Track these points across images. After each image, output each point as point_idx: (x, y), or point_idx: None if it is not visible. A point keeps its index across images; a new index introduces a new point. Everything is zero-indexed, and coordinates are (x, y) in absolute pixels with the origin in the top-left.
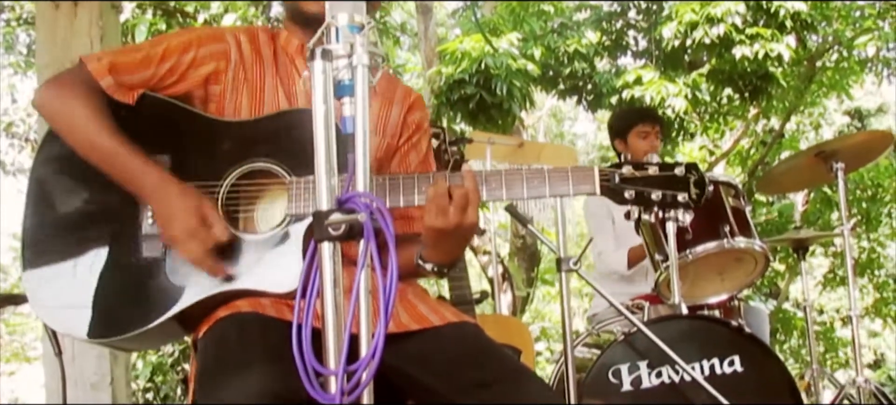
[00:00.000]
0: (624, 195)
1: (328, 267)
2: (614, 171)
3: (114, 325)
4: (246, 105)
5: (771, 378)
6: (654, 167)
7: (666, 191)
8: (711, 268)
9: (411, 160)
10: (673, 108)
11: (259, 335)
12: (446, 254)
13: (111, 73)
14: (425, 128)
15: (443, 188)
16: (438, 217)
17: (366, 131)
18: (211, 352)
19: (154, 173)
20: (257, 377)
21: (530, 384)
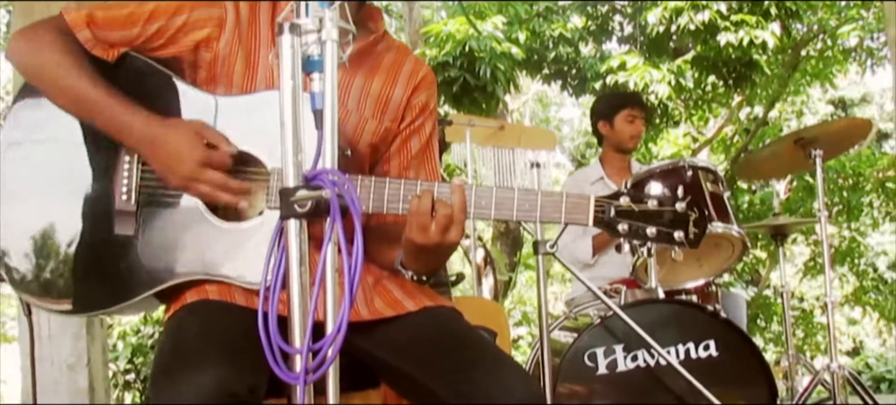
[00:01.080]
0: (617, 229)
1: (294, 244)
2: (610, 202)
3: (86, 302)
4: (239, 76)
5: (746, 362)
6: (654, 201)
7: (662, 228)
8: (690, 253)
9: (412, 146)
10: (656, 95)
11: (223, 325)
12: (425, 267)
13: (90, 27)
14: (431, 108)
15: (426, 205)
16: (419, 233)
17: (335, 108)
18: (169, 343)
19: (139, 115)
20: (211, 376)
21: (506, 369)
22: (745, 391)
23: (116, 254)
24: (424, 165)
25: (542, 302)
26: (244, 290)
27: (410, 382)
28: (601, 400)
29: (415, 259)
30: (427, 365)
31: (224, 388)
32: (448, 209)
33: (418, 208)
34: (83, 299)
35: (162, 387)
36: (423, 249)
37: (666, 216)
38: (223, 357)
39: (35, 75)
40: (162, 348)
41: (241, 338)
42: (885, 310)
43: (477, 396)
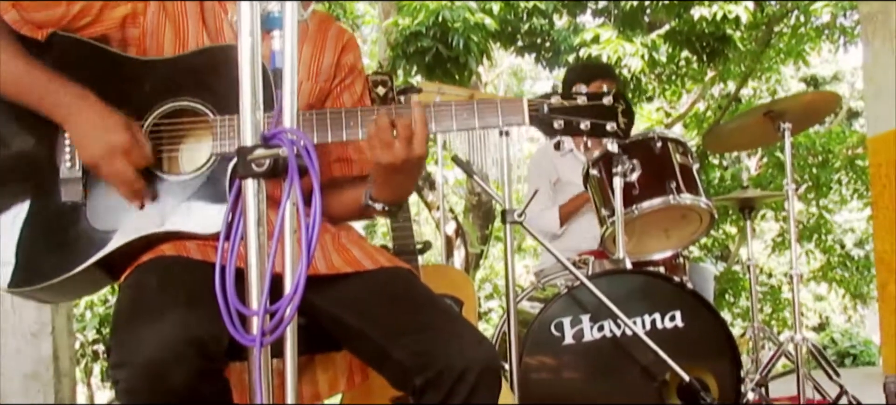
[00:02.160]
0: (553, 125)
1: (252, 204)
2: (543, 101)
3: (35, 275)
4: (169, 44)
5: (711, 333)
6: (583, 97)
7: (595, 120)
8: (657, 224)
9: (345, 101)
10: (629, 69)
11: (180, 279)
12: (396, 191)
13: (15, 8)
14: (359, 69)
15: (385, 122)
16: (384, 152)
17: (294, 67)
18: (128, 297)
19: (71, 89)
20: (173, 323)
21: (461, 332)
22: (709, 362)
23: (66, 222)
24: None
25: (509, 271)
26: (199, 245)
27: (366, 341)
28: (567, 370)
29: (384, 184)
30: (382, 323)
31: (187, 334)
32: (407, 120)
33: (379, 125)
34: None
35: (123, 338)
36: (391, 169)
37: (596, 109)
38: (185, 304)
39: None
40: (120, 304)
41: (200, 289)
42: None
43: (431, 356)
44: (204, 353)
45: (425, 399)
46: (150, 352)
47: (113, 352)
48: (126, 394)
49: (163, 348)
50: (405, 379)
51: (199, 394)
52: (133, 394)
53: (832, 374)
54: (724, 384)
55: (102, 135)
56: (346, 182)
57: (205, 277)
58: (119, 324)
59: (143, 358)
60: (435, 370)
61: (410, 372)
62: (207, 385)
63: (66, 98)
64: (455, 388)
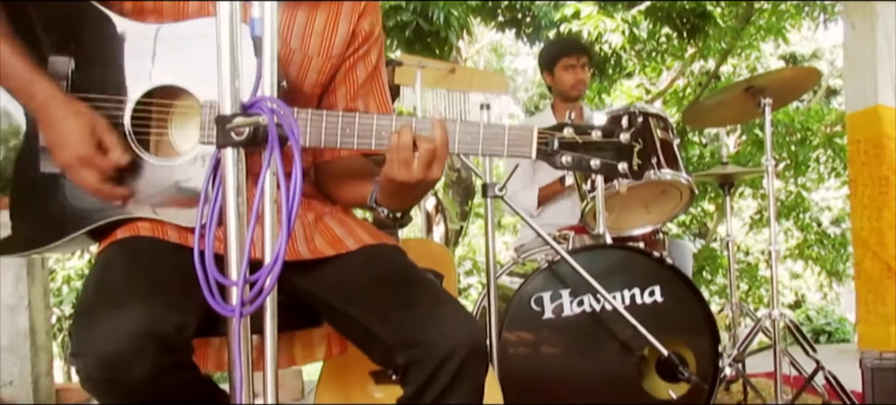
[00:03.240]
0: (561, 161)
1: (231, 173)
2: (553, 134)
3: (19, 244)
4: (169, 5)
5: (690, 309)
6: (598, 132)
7: (606, 160)
8: (638, 199)
9: (358, 74)
10: (610, 44)
11: (148, 266)
12: (403, 203)
13: None
14: (376, 35)
15: (407, 140)
16: (401, 170)
17: (274, 35)
18: (92, 284)
19: (40, 86)
20: (134, 316)
21: (446, 309)
22: (688, 337)
23: (46, 193)
24: (373, 94)
25: (490, 244)
26: (178, 227)
27: (350, 322)
28: (547, 344)
29: (392, 196)
30: (366, 304)
31: (147, 327)
32: (430, 144)
33: (399, 143)
34: (15, 239)
35: (82, 326)
36: (405, 187)
37: (610, 147)
38: (149, 295)
39: None
40: (85, 288)
41: (170, 275)
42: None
43: (415, 335)
44: (166, 347)
45: (409, 377)
46: (107, 344)
47: (72, 340)
48: (86, 384)
49: (120, 342)
50: (389, 357)
51: (161, 386)
52: (92, 385)
53: (809, 350)
54: (703, 359)
55: (68, 145)
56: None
57: (177, 262)
58: (80, 311)
59: (100, 350)
60: (420, 349)
61: (394, 350)
62: (170, 377)
63: (38, 97)
64: (440, 367)
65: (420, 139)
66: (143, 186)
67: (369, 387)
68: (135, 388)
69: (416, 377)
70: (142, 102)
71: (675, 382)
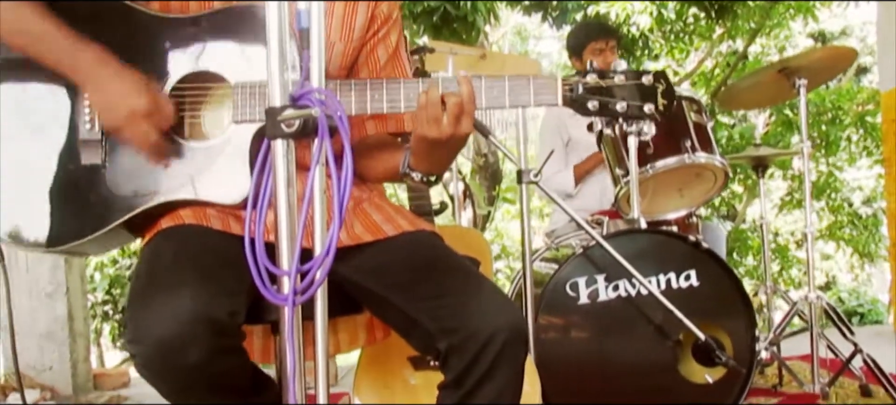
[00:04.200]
0: (587, 106)
1: (281, 165)
2: (578, 80)
3: (54, 238)
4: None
5: (726, 292)
6: (621, 76)
7: (631, 101)
8: (671, 183)
9: (379, 55)
10: (638, 26)
11: (197, 252)
12: (437, 164)
13: None
14: (395, 18)
15: (435, 96)
16: (431, 126)
17: (321, 26)
18: (144, 270)
19: (89, 53)
20: (187, 300)
21: (486, 294)
22: (724, 321)
23: (86, 185)
24: (395, 75)
25: (526, 231)
26: (219, 214)
27: (390, 308)
28: (583, 329)
29: (426, 157)
30: (406, 290)
31: (202, 312)
32: (458, 97)
33: (428, 100)
34: (57, 234)
35: (137, 313)
36: (436, 144)
37: (634, 89)
38: (200, 280)
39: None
40: (137, 274)
41: (218, 262)
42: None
43: (456, 321)
44: (218, 331)
45: (450, 363)
46: (163, 329)
47: (128, 328)
48: (142, 369)
49: (176, 327)
50: (430, 344)
51: (214, 369)
52: (148, 370)
53: (846, 333)
54: (739, 343)
55: (123, 100)
56: (381, 141)
57: (223, 248)
58: (134, 298)
59: (156, 335)
60: (460, 335)
61: (435, 337)
62: (223, 360)
63: (86, 62)
64: (481, 353)
65: (447, 95)
66: (181, 167)
67: (407, 373)
68: (190, 372)
69: (456, 362)
70: (175, 89)
71: (711, 366)
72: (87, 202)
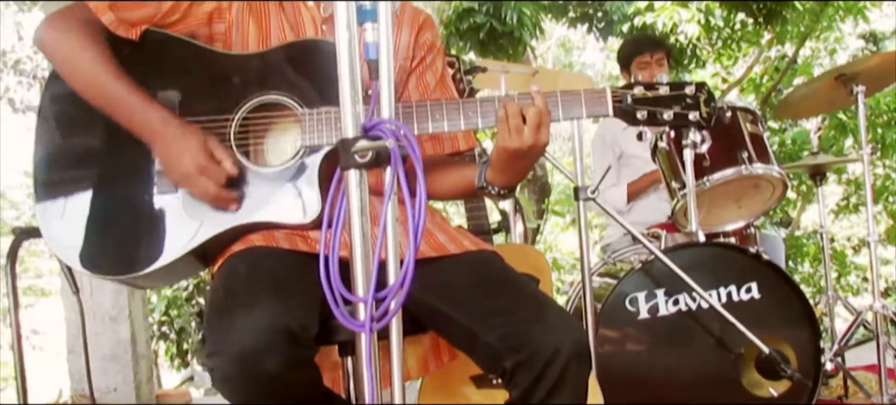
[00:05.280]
0: (636, 116)
1: (355, 194)
2: (626, 91)
3: (128, 263)
4: (253, 39)
5: (788, 304)
6: (665, 87)
7: (677, 110)
8: (728, 195)
9: (428, 81)
10: (686, 35)
11: (269, 269)
12: (514, 176)
13: (112, 10)
14: (438, 47)
15: (515, 109)
16: (514, 137)
17: (390, 58)
18: (220, 289)
19: (156, 114)
20: (264, 313)
21: (550, 313)
22: (787, 332)
23: (160, 214)
24: (445, 96)
25: (584, 248)
26: (288, 235)
27: (455, 326)
28: (643, 344)
29: (503, 169)
30: (472, 308)
31: (277, 323)
32: (537, 108)
33: (509, 112)
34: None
35: (216, 327)
36: (517, 154)
37: (679, 99)
38: (274, 294)
39: (61, 65)
40: (214, 292)
41: (289, 279)
42: None
43: (522, 339)
44: (294, 342)
45: (516, 380)
46: (242, 342)
47: (207, 342)
48: (221, 382)
49: (255, 338)
50: (495, 361)
51: (290, 381)
52: (228, 382)
53: None
54: (803, 355)
55: (182, 160)
56: (444, 159)
57: (293, 267)
58: (212, 314)
59: (235, 348)
60: (526, 352)
61: (501, 354)
62: (298, 372)
63: (152, 123)
64: (546, 370)
65: (525, 106)
66: (250, 193)
67: (469, 392)
68: (268, 383)
69: (523, 379)
70: (243, 120)
71: (775, 380)
72: (162, 229)
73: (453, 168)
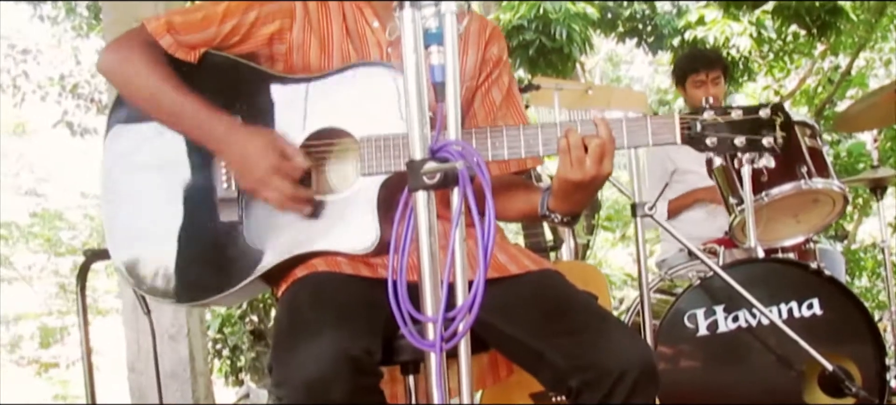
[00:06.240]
0: (705, 142)
1: (423, 215)
2: (695, 117)
3: (197, 291)
4: (315, 58)
5: (851, 320)
6: (738, 111)
7: (750, 136)
8: (787, 210)
9: (494, 97)
10: (738, 49)
11: (333, 296)
12: (577, 205)
13: (170, 33)
14: (505, 60)
15: (577, 140)
16: (575, 169)
17: (456, 80)
18: (285, 318)
19: (222, 121)
20: (329, 342)
21: (616, 332)
22: (851, 349)
23: (224, 241)
24: (511, 113)
25: (642, 265)
26: (349, 260)
27: (518, 345)
28: (703, 361)
29: (567, 198)
30: (535, 327)
31: (342, 352)
32: (600, 139)
33: (571, 143)
34: (196, 288)
35: (282, 358)
36: (580, 186)
37: (751, 123)
38: (338, 322)
39: (124, 86)
40: (279, 322)
41: (351, 304)
42: None
43: (588, 358)
44: (359, 369)
45: (582, 399)
46: (308, 371)
47: (274, 372)
48: None
49: (320, 367)
50: (560, 381)
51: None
52: None
53: None
54: (868, 372)
55: (255, 162)
56: (511, 181)
57: (356, 292)
58: (278, 343)
59: (302, 377)
60: (593, 371)
61: (566, 374)
62: (364, 399)
63: (218, 130)
64: (614, 390)
65: (588, 137)
66: (312, 220)
67: None
68: None
69: (589, 398)
70: (302, 146)
71: (840, 397)
72: (226, 257)
73: (519, 192)
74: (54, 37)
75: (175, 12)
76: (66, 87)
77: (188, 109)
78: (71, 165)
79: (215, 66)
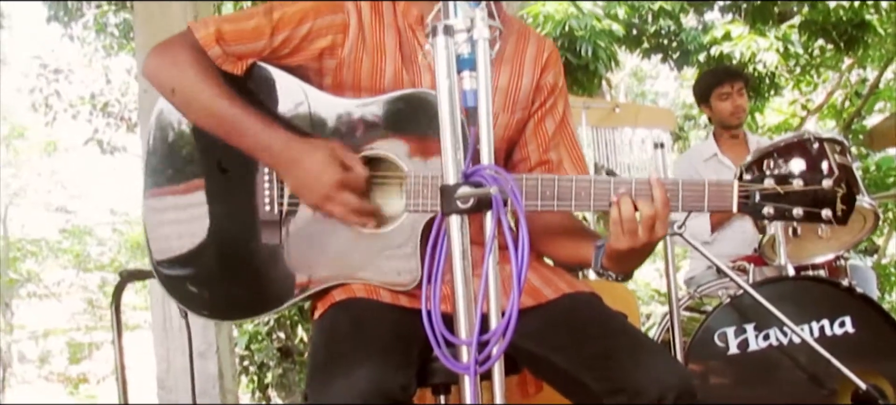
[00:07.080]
0: (762, 212)
1: (457, 238)
2: (755, 186)
3: (234, 310)
4: (366, 76)
5: (884, 338)
6: (799, 180)
7: (810, 209)
8: (817, 227)
9: (548, 127)
10: (765, 64)
11: (371, 326)
12: (630, 267)
13: (219, 43)
14: (560, 86)
15: (629, 211)
16: (627, 239)
17: (489, 105)
18: (322, 347)
19: (279, 135)
20: (365, 375)
21: (652, 354)
22: (884, 366)
23: (264, 264)
24: (564, 145)
25: (671, 283)
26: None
27: (554, 370)
28: (733, 379)
29: (620, 261)
30: (570, 352)
31: (378, 388)
32: (652, 210)
33: (623, 215)
34: (233, 307)
35: (318, 389)
36: (632, 253)
37: (812, 195)
38: (375, 356)
39: (173, 93)
40: (315, 346)
41: (390, 335)
42: None
43: (624, 382)
44: (394, 403)
45: None
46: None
47: (310, 395)
48: None
49: (355, 401)
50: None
51: None
52: None
53: None
54: None
55: (317, 177)
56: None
57: (395, 321)
58: (315, 373)
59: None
60: (629, 395)
61: (602, 397)
62: None
63: (276, 145)
64: None
65: (641, 204)
66: (356, 250)
67: None
68: None
69: None
70: None
71: None
72: (267, 279)
73: (574, 237)
74: (85, 56)
75: (225, 20)
76: (97, 105)
77: (243, 120)
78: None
79: (263, 79)
